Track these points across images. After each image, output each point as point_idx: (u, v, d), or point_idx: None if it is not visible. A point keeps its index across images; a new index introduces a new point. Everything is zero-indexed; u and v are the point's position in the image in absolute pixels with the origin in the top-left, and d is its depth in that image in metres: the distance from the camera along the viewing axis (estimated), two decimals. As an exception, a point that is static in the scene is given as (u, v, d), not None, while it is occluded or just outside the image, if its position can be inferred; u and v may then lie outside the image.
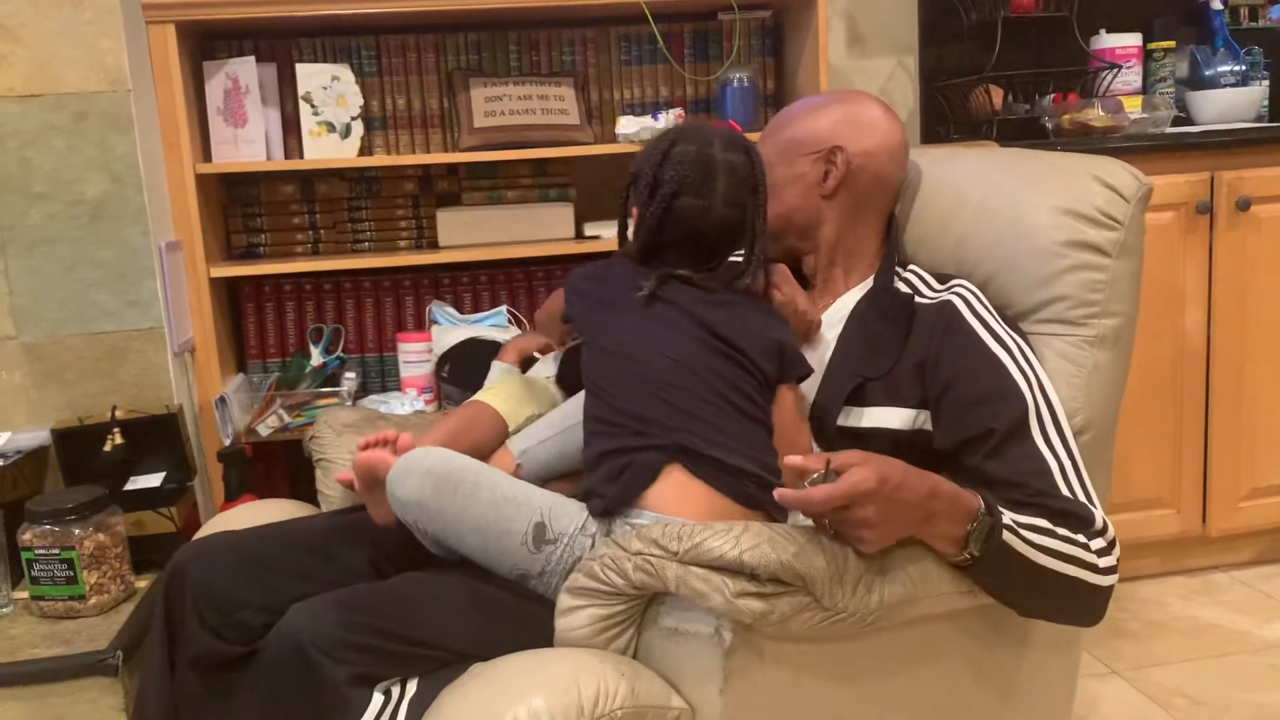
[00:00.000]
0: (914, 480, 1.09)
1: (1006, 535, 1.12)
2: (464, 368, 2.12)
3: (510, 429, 1.52)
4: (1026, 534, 1.14)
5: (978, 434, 1.23)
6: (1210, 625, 2.20)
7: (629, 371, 1.30)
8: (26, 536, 1.66)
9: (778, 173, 1.44)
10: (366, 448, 1.38)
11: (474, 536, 1.23)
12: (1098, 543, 1.19)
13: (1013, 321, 1.34)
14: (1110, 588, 1.20)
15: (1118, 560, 1.21)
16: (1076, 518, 1.19)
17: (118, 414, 1.92)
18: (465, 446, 1.42)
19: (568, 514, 1.24)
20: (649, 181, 1.36)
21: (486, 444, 1.49)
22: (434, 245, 2.35)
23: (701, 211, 1.35)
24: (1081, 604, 1.21)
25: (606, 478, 1.24)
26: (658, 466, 1.23)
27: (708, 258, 1.38)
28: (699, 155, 1.35)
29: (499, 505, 1.23)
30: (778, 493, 1.06)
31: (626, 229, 1.44)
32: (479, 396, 1.56)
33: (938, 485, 1.11)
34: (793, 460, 1.08)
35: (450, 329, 2.22)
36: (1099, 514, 1.21)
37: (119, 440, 1.88)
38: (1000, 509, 1.14)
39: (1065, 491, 1.21)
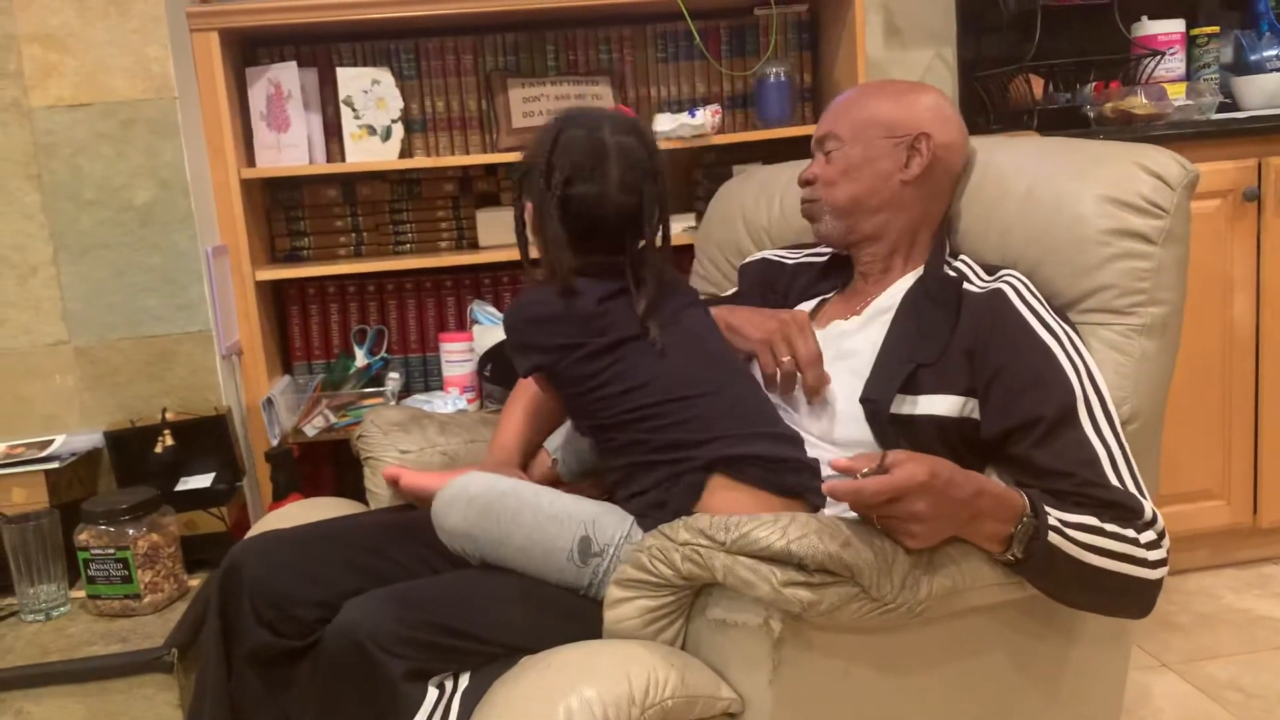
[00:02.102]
0: (961, 478, 1.09)
1: (1053, 536, 1.12)
2: (505, 367, 2.13)
3: None
4: (1074, 533, 1.14)
5: (1025, 422, 1.22)
6: (1264, 618, 2.16)
7: (649, 401, 1.27)
8: (83, 537, 1.69)
9: (853, 152, 1.42)
10: (394, 480, 1.54)
11: (520, 558, 1.25)
12: (1147, 535, 1.18)
13: (1061, 311, 1.33)
14: (1160, 580, 1.19)
15: (1168, 552, 1.20)
16: (1125, 509, 1.18)
17: (168, 416, 1.96)
18: (540, 423, 1.51)
19: (612, 524, 1.25)
20: (542, 171, 1.31)
21: (553, 417, 1.53)
22: (474, 245, 2.37)
23: (593, 198, 1.30)
24: (1131, 598, 1.19)
25: (653, 504, 1.25)
26: (700, 485, 1.24)
27: (611, 248, 1.32)
28: (589, 140, 1.30)
29: (543, 525, 1.24)
30: (828, 486, 1.07)
31: (528, 241, 1.38)
32: None
33: (984, 484, 1.11)
34: (841, 462, 1.09)
35: (491, 328, 2.23)
36: (1148, 505, 1.20)
37: (169, 442, 1.92)
38: (1047, 509, 1.13)
39: (1114, 481, 1.20)
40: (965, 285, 1.35)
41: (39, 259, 1.96)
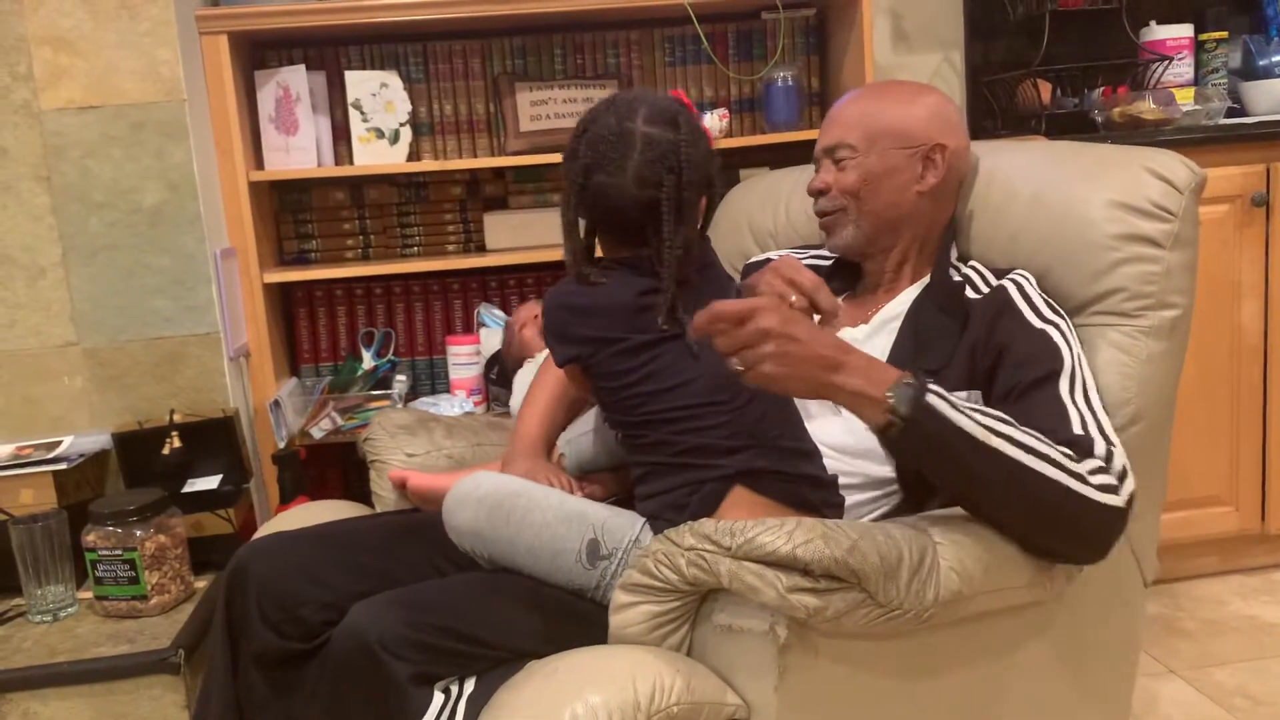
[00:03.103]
0: (828, 331, 1.11)
1: (935, 400, 1.08)
2: (512, 369, 2.14)
3: None
4: (975, 414, 1.09)
5: (1009, 387, 1.24)
6: (1271, 624, 2.16)
7: (680, 404, 1.26)
8: (90, 538, 1.70)
9: (869, 162, 1.40)
10: (401, 483, 1.53)
11: (529, 558, 1.25)
12: (1091, 463, 1.12)
13: (1066, 313, 1.33)
14: (1114, 510, 1.11)
15: (1123, 488, 1.12)
16: (1076, 445, 1.13)
17: (176, 417, 1.96)
18: (565, 411, 1.51)
19: (620, 527, 1.25)
20: (569, 156, 1.29)
21: (576, 405, 1.53)
22: (481, 248, 2.37)
23: (611, 190, 1.25)
24: (1072, 520, 1.11)
25: (671, 506, 1.25)
26: (721, 494, 1.24)
27: (636, 240, 1.28)
28: (616, 129, 1.25)
29: (551, 526, 1.24)
30: (694, 320, 1.09)
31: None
32: None
33: (856, 349, 1.11)
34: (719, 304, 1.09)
35: (498, 331, 2.23)
36: (1107, 447, 1.15)
37: (177, 443, 1.92)
38: (939, 390, 1.10)
39: (1079, 432, 1.16)
40: (971, 294, 1.36)
41: (48, 261, 1.97)
